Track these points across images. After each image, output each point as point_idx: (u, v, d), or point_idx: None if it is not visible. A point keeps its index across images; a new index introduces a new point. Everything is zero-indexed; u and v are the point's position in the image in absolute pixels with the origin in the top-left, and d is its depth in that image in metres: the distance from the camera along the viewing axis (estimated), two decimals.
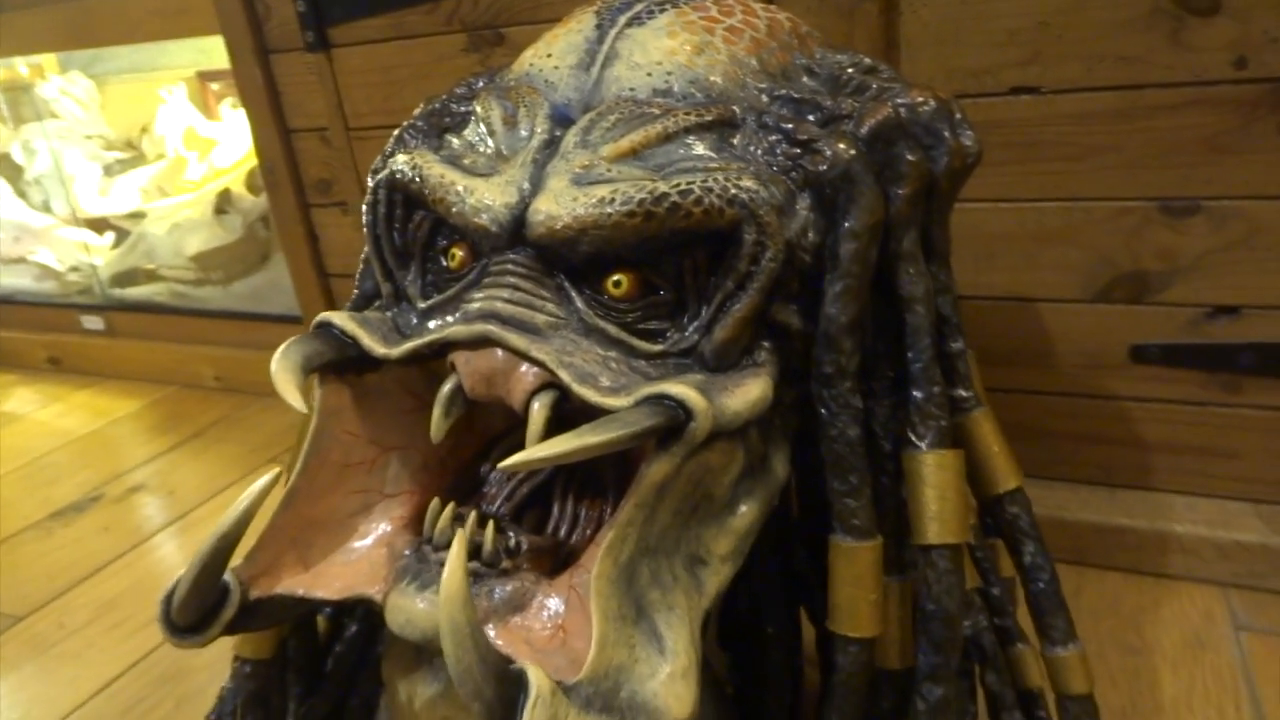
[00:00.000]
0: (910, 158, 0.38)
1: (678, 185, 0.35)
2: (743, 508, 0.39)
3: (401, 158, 0.40)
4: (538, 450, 0.31)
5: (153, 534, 0.88)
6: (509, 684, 0.29)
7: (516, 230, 0.36)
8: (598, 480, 0.42)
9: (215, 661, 0.68)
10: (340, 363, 0.39)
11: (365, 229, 0.43)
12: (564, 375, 0.34)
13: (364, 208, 0.43)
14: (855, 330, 0.37)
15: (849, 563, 0.37)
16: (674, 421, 0.33)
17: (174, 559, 0.83)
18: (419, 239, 0.41)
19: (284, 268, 1.23)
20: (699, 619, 0.36)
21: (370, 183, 0.47)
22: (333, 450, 0.40)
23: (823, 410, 0.38)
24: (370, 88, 0.83)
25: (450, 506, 0.38)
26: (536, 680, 0.30)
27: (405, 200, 0.41)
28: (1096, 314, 0.66)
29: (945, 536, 0.37)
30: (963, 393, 0.41)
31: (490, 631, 0.35)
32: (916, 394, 0.38)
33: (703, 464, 0.36)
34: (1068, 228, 0.64)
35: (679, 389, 0.33)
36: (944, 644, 0.37)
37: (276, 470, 0.36)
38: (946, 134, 0.39)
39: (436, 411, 0.37)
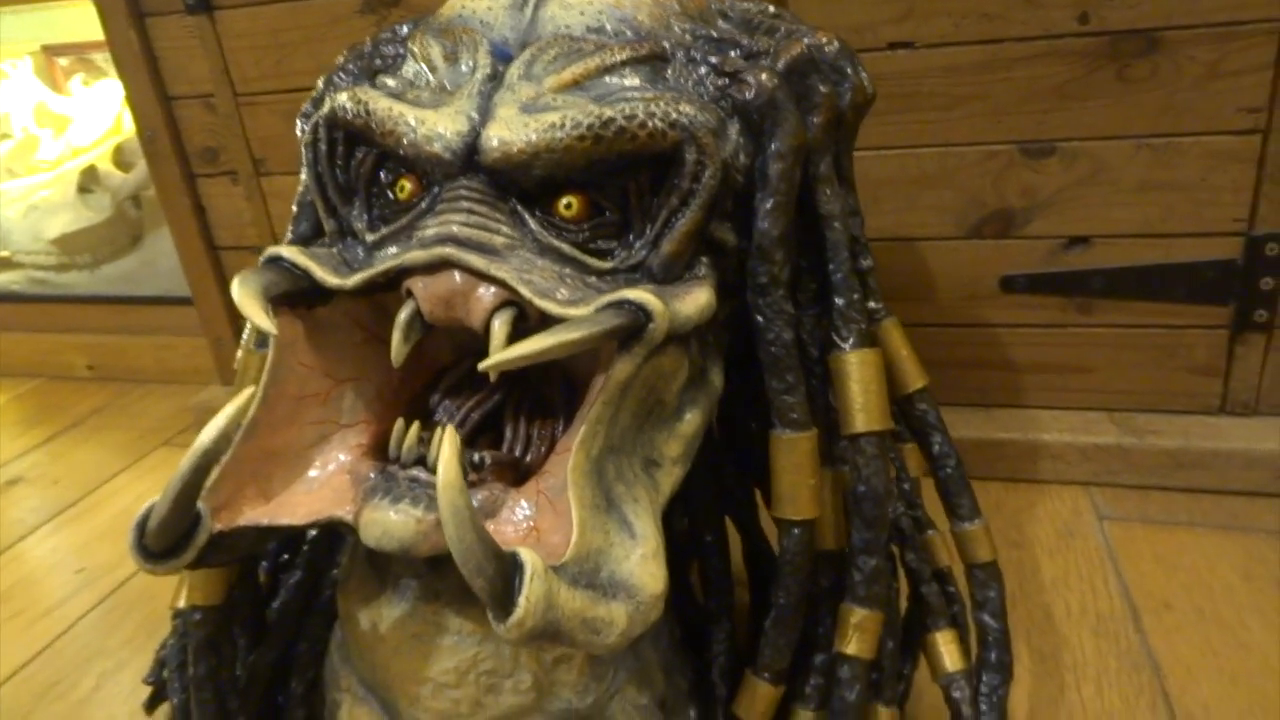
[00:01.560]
0: (822, 89, 0.42)
1: (622, 110, 0.37)
2: (688, 414, 0.42)
3: (343, 96, 0.41)
4: (518, 348, 0.34)
5: (40, 524, 0.83)
6: (505, 564, 0.32)
7: (469, 157, 0.38)
8: (546, 404, 0.45)
9: (134, 637, 0.66)
10: (291, 295, 0.40)
11: (306, 168, 0.43)
12: (525, 290, 0.36)
13: (304, 147, 0.43)
14: (785, 243, 0.41)
15: (790, 452, 0.41)
16: (636, 323, 0.35)
17: (69, 545, 0.80)
18: (363, 174, 0.42)
19: (159, 247, 1.18)
20: (659, 514, 0.39)
21: (302, 125, 0.48)
22: (289, 382, 0.40)
23: (759, 318, 0.41)
24: (259, 51, 0.81)
25: (416, 425, 0.40)
26: (530, 559, 0.32)
27: (347, 137, 0.42)
28: (970, 249, 0.72)
29: (871, 424, 0.41)
30: (874, 304, 0.45)
31: None
32: (838, 301, 0.42)
33: (657, 368, 0.39)
34: (942, 171, 0.70)
35: (638, 294, 0.36)
36: (874, 521, 0.41)
37: (251, 389, 0.37)
38: (850, 71, 0.43)
39: (396, 337, 0.38)
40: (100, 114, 1.25)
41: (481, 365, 0.34)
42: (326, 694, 0.51)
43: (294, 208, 0.48)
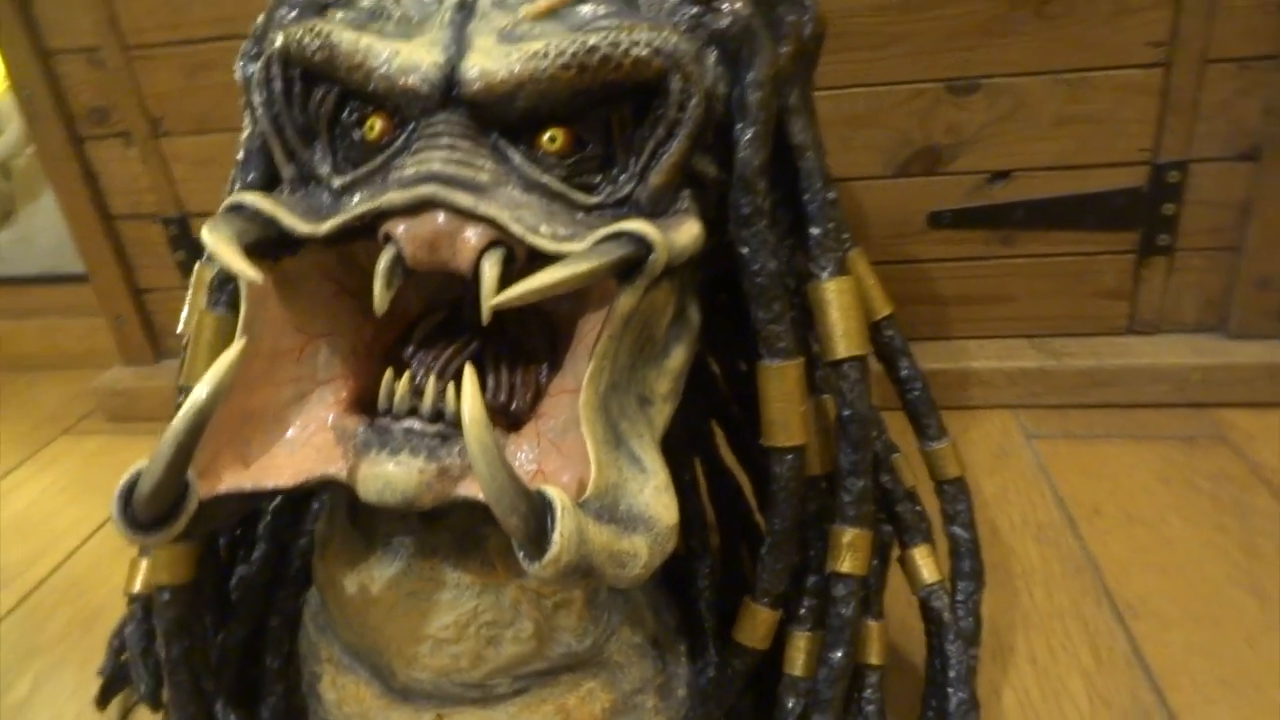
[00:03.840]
0: (790, 18, 0.42)
1: (606, 38, 0.36)
2: (674, 351, 0.42)
3: (297, 30, 0.38)
4: (526, 284, 0.33)
5: None
6: (536, 502, 0.31)
7: (447, 91, 0.36)
8: (527, 350, 0.44)
9: (67, 632, 0.62)
10: (259, 245, 0.37)
11: (259, 109, 0.40)
12: (516, 228, 0.35)
13: (255, 87, 0.40)
14: (766, 173, 0.41)
15: (779, 381, 0.41)
16: (639, 254, 0.35)
17: None
18: (324, 114, 0.40)
19: (35, 223, 1.09)
20: (659, 448, 0.39)
21: (243, 67, 0.45)
22: (263, 339, 0.38)
23: (744, 249, 0.41)
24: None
25: (407, 376, 0.38)
26: (559, 496, 0.31)
27: (305, 75, 0.39)
28: (899, 188, 0.75)
29: (853, 349, 0.42)
30: (844, 234, 0.46)
31: (476, 485, 0.36)
32: (814, 231, 0.43)
33: (652, 303, 0.39)
34: (872, 111, 0.72)
35: (636, 225, 0.35)
36: (860, 442, 0.42)
37: (244, 340, 0.34)
38: (808, 3, 0.43)
39: (378, 285, 0.36)
40: None
41: (490, 303, 0.33)
42: (304, 668, 0.49)
43: (239, 156, 0.45)
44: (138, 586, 0.47)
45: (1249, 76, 0.68)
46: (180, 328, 0.48)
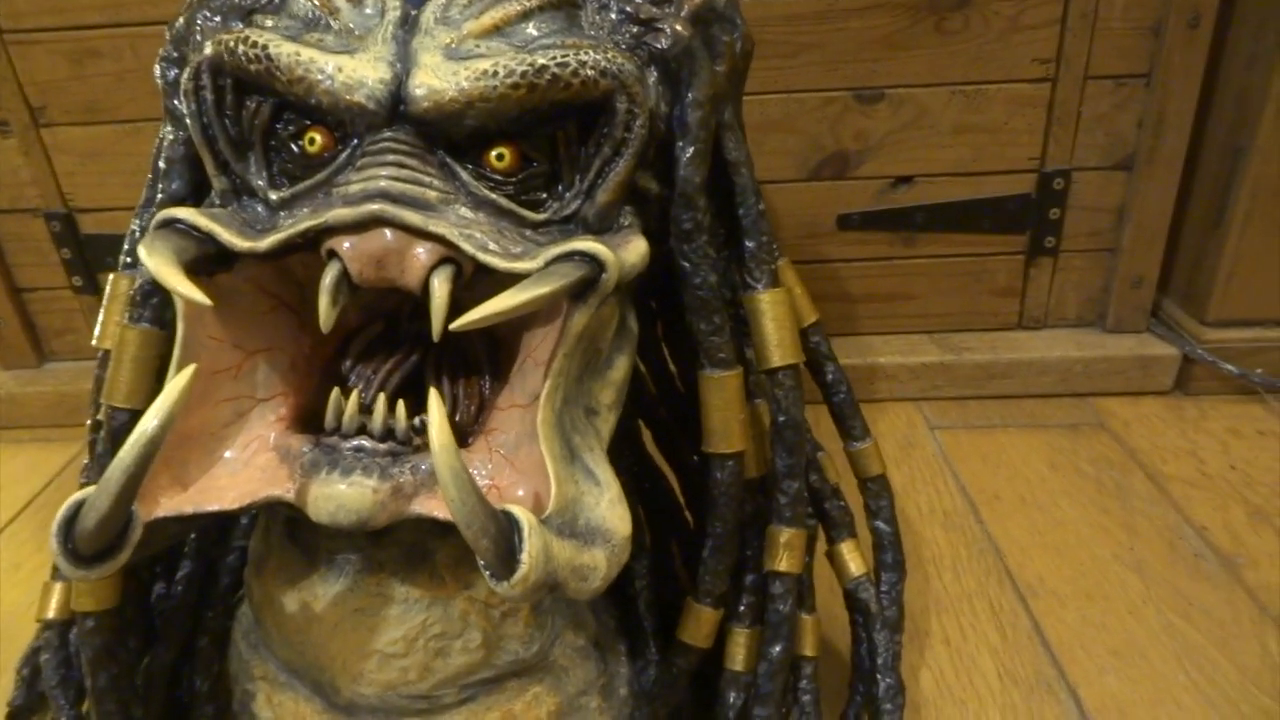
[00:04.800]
0: (724, 38, 0.43)
1: (554, 58, 0.37)
2: (616, 361, 0.43)
3: (230, 39, 0.37)
4: (492, 306, 0.33)
5: None
6: (506, 526, 0.31)
7: (394, 107, 0.36)
8: (469, 362, 0.44)
9: None
10: (195, 262, 0.36)
11: (190, 120, 0.39)
12: (466, 246, 0.36)
13: (182, 95, 0.39)
14: (706, 189, 0.42)
15: (720, 390, 0.43)
16: (593, 274, 0.36)
17: None
18: (258, 126, 0.39)
19: None
20: (614, 474, 0.40)
21: (164, 71, 0.43)
22: (200, 358, 0.37)
23: (685, 264, 0.43)
24: None
25: (356, 394, 0.38)
26: (524, 515, 0.32)
27: (236, 85, 0.38)
28: (810, 191, 0.78)
29: (787, 358, 0.44)
30: (774, 246, 0.48)
31: (431, 502, 0.36)
32: (749, 244, 0.45)
33: (600, 318, 0.39)
34: (785, 116, 0.75)
35: (589, 245, 0.36)
36: (794, 447, 0.45)
37: (194, 366, 0.33)
38: (739, 21, 0.45)
39: (324, 301, 0.36)
40: None
41: (454, 325, 0.33)
42: (235, 687, 0.48)
43: (161, 164, 0.43)
44: (52, 612, 0.45)
45: (1124, 93, 0.74)
46: (95, 341, 0.46)
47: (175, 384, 0.31)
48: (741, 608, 0.46)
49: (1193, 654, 0.54)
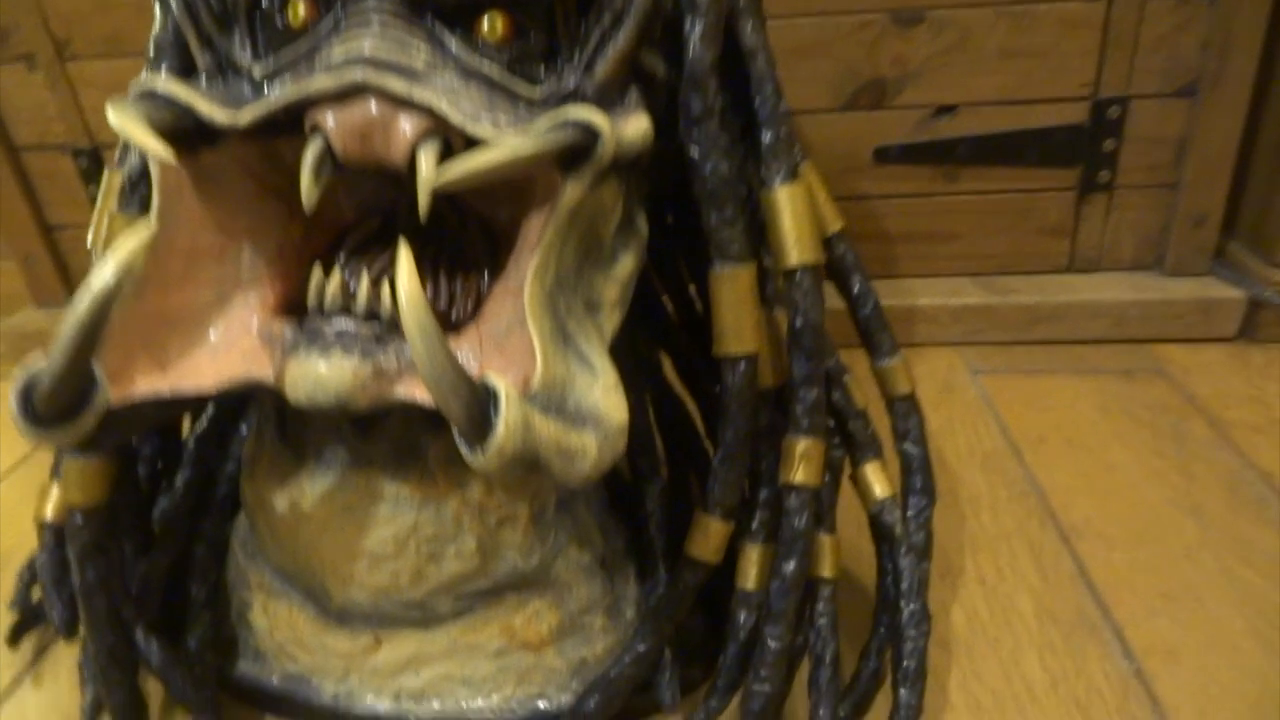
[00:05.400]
0: None
1: None
2: (621, 258, 0.41)
3: None
4: (471, 161, 0.31)
5: None
6: (479, 388, 0.29)
7: None
8: (467, 259, 0.42)
9: None
10: (173, 135, 0.34)
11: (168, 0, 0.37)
12: (455, 115, 0.33)
13: None
14: (716, 72, 0.39)
15: (732, 286, 0.40)
16: (586, 141, 0.33)
17: None
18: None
19: None
20: (607, 354, 0.38)
21: None
22: (179, 234, 0.35)
23: (695, 150, 0.40)
24: None
25: (338, 271, 0.36)
26: (502, 383, 0.30)
27: None
28: (845, 122, 0.74)
29: (805, 257, 0.41)
30: (796, 144, 0.45)
31: (416, 387, 0.34)
32: (766, 137, 0.42)
33: (598, 202, 0.37)
34: (818, 41, 0.71)
35: (583, 112, 0.33)
36: (814, 352, 0.41)
37: (157, 226, 0.32)
38: None
39: (306, 178, 0.34)
40: None
41: (436, 184, 0.31)
42: (232, 596, 0.47)
43: (150, 52, 0.41)
44: (50, 514, 0.44)
45: (1187, 11, 0.69)
46: (90, 241, 0.45)
47: (135, 236, 0.29)
48: (755, 524, 0.43)
49: (1253, 599, 0.49)
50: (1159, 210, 0.76)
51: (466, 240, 0.42)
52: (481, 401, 0.29)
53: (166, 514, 0.47)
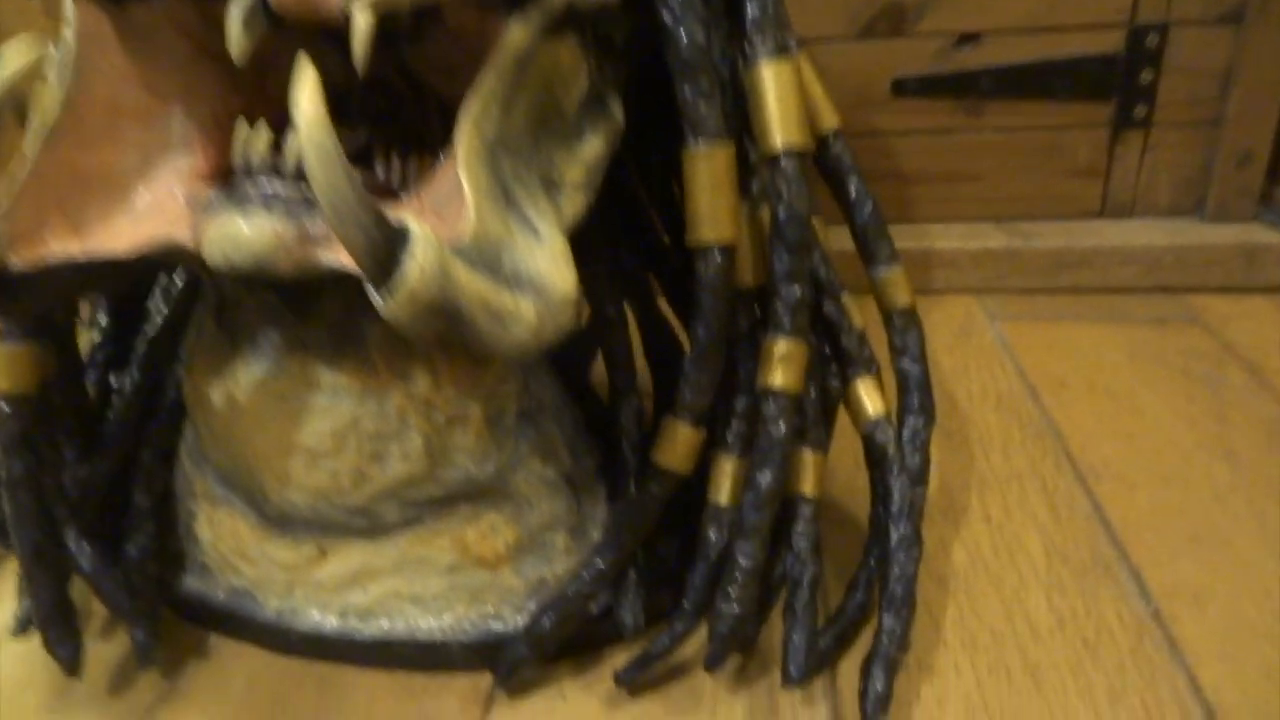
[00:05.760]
0: None
1: None
2: (589, 137, 0.38)
3: None
4: None
5: None
6: (388, 225, 0.26)
7: None
8: (421, 139, 0.39)
9: None
10: None
11: None
12: None
13: None
14: None
15: (708, 166, 0.36)
16: None
17: None
18: None
19: None
20: (563, 231, 0.34)
21: None
22: (98, 85, 0.32)
23: (667, 18, 0.36)
24: None
25: (264, 124, 0.33)
26: (417, 224, 0.27)
27: None
28: (861, 51, 0.70)
29: (791, 140, 0.37)
30: (786, 24, 0.41)
31: (347, 255, 0.31)
32: (751, 10, 0.38)
33: (554, 61, 0.34)
34: None
35: None
36: (797, 245, 0.38)
37: (40, 45, 0.29)
38: None
39: (234, 27, 0.31)
40: None
41: (358, 35, 0.28)
42: (180, 508, 0.44)
43: None
44: None
45: None
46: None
47: (20, 55, 0.27)
48: (731, 435, 0.40)
49: None
50: (1200, 149, 0.70)
51: (424, 123, 0.39)
52: (390, 239, 0.26)
53: (113, 418, 0.44)
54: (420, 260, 0.26)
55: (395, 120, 0.40)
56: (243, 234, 0.30)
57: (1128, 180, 0.72)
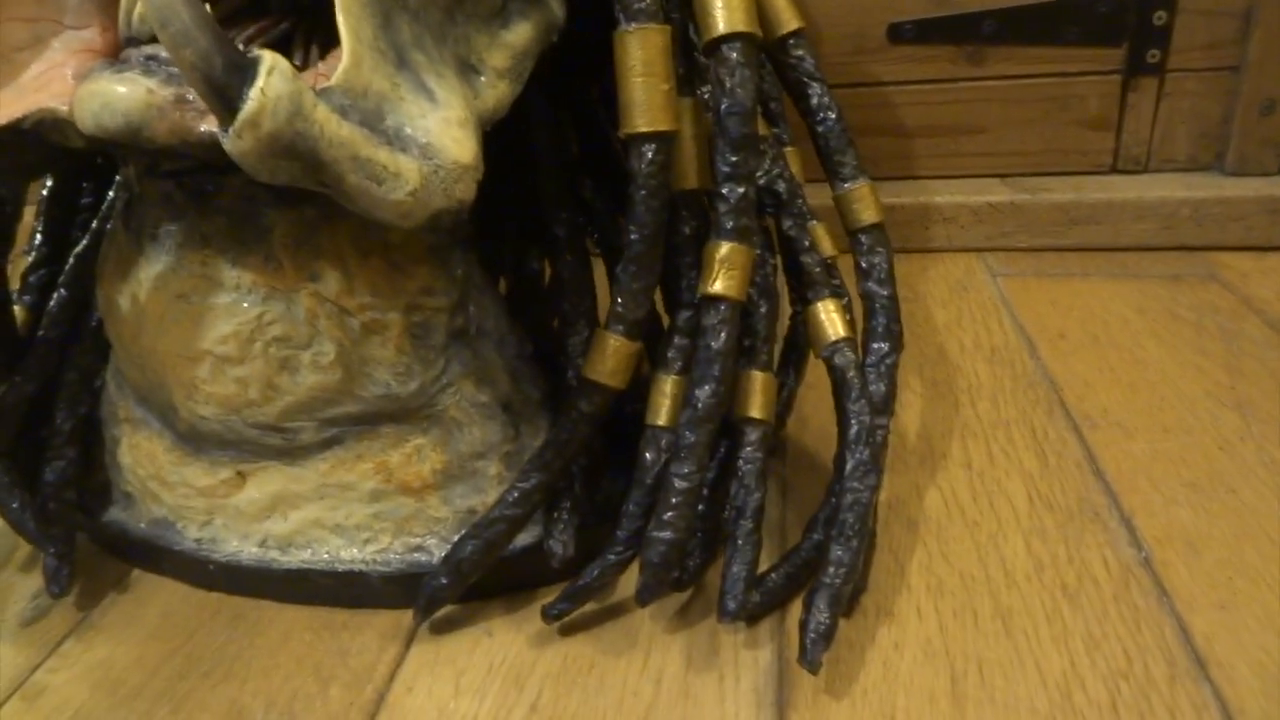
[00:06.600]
0: None
1: None
2: (516, 24, 0.35)
3: None
4: None
5: None
6: (232, 53, 0.24)
7: None
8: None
9: None
10: None
11: None
12: None
13: None
14: None
15: (641, 47, 0.33)
16: None
17: None
18: None
19: None
20: (474, 113, 0.32)
21: None
22: None
23: None
24: None
25: None
26: (272, 59, 0.24)
27: None
28: None
29: (734, 24, 0.34)
30: None
31: None
32: None
33: None
34: None
35: None
36: (740, 142, 0.35)
37: None
38: None
39: None
40: None
41: None
42: (105, 433, 0.42)
43: None
44: None
45: None
46: None
47: None
48: (671, 351, 0.37)
49: None
50: (1219, 96, 0.66)
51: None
52: (237, 67, 0.23)
53: (38, 337, 0.42)
54: (266, 90, 0.23)
55: (318, 13, 0.38)
56: (113, 93, 0.28)
57: (1141, 132, 0.68)
